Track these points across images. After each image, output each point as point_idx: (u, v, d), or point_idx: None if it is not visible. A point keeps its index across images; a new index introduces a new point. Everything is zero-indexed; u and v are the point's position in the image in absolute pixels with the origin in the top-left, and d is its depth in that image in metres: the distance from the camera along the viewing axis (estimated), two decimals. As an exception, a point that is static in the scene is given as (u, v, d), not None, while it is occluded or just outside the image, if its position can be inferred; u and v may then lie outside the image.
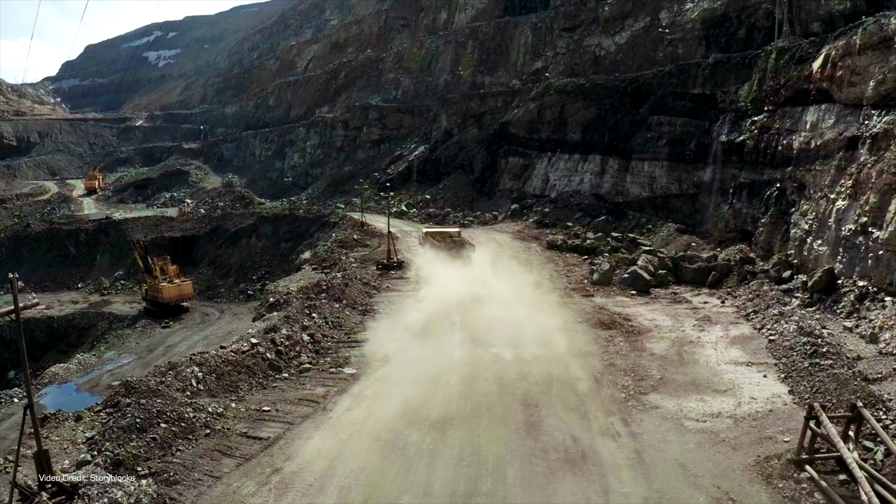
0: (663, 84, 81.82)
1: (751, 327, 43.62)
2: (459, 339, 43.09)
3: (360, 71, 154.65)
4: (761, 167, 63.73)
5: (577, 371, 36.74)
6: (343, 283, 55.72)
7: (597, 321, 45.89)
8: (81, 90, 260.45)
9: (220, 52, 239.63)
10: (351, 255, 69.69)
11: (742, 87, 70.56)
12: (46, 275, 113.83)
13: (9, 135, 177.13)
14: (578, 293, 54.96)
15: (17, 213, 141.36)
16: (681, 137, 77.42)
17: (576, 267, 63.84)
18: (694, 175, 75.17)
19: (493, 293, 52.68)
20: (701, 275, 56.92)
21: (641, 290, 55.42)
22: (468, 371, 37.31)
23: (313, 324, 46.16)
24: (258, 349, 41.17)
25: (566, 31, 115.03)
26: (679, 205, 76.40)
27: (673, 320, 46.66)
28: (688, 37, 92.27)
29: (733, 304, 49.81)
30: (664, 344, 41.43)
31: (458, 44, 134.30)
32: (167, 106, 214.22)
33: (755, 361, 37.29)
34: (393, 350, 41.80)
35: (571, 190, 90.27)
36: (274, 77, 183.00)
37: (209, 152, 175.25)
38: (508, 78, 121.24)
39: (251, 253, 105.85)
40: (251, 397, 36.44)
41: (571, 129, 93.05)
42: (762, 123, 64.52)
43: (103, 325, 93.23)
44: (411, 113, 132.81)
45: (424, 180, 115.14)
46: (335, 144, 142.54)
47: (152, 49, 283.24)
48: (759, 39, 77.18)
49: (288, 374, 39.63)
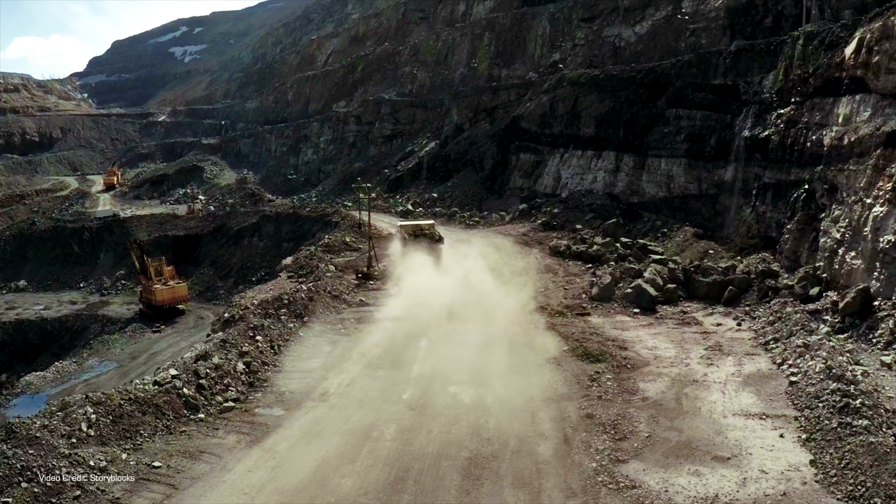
0: (682, 74, 73.23)
1: (769, 361, 34.96)
2: (417, 372, 35.29)
3: (377, 65, 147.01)
4: (788, 166, 55.10)
5: (545, 424, 28.70)
6: (308, 296, 48.05)
7: (584, 351, 37.56)
8: (108, 86, 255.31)
9: (245, 48, 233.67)
10: (334, 262, 61.91)
11: (767, 77, 62.06)
12: (49, 273, 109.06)
13: (31, 130, 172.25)
14: (573, 311, 46.68)
15: (35, 209, 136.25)
16: (700, 132, 68.90)
17: (577, 277, 55.49)
18: (714, 174, 66.62)
19: (475, 311, 44.93)
20: (716, 290, 48.15)
21: (646, 307, 46.85)
22: (411, 420, 29.55)
23: (255, 349, 38.57)
24: (175, 383, 33.67)
25: (585, 22, 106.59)
26: (698, 206, 67.86)
27: (677, 349, 38.19)
28: (711, 26, 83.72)
29: (751, 327, 41.11)
30: (661, 384, 33.07)
31: (474, 36, 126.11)
32: (191, 101, 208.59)
33: (771, 413, 28.76)
34: (336, 385, 34.27)
35: (584, 189, 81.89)
36: (294, 71, 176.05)
37: (227, 148, 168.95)
38: (525, 71, 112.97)
39: (252, 253, 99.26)
40: (150, 446, 29.38)
41: (585, 123, 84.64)
42: (789, 116, 55.91)
43: (96, 327, 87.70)
44: (424, 107, 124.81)
45: (434, 178, 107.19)
46: (347, 140, 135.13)
47: (178, 45, 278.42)
48: (787, 28, 68.29)
49: (205, 415, 32.27)
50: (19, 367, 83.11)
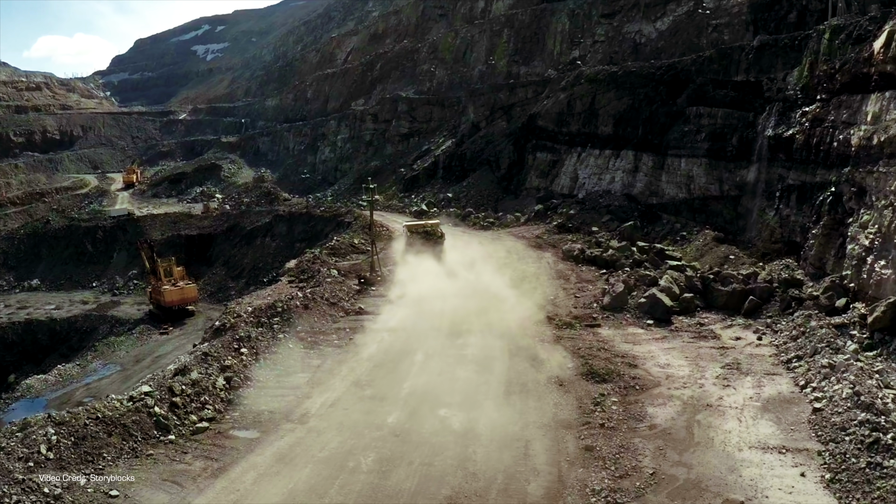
0: (703, 71, 69.69)
1: (791, 382, 31.51)
2: (408, 391, 32.28)
3: (396, 62, 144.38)
4: (813, 167, 51.51)
5: (539, 458, 25.60)
6: (303, 304, 45.31)
7: (590, 369, 34.24)
8: (131, 84, 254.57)
9: (267, 46, 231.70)
10: (338, 266, 59.12)
11: (791, 73, 58.32)
12: (63, 273, 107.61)
13: (52, 128, 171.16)
14: (583, 321, 43.44)
15: (54, 207, 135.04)
16: (722, 131, 65.34)
17: (589, 284, 52.21)
18: (736, 174, 63.07)
19: (478, 321, 42.03)
20: (735, 300, 44.60)
21: (660, 318, 43.46)
22: (393, 449, 26.66)
23: (238, 363, 35.89)
24: (146, 401, 31.04)
25: (605, 18, 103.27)
26: (719, 208, 64.35)
27: (692, 366, 34.84)
28: (734, 21, 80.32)
29: (773, 342, 37.59)
30: (672, 408, 29.76)
31: (493, 33, 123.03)
32: (213, 99, 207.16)
33: (792, 446, 25.44)
34: (318, 405, 31.42)
35: (601, 189, 78.53)
36: (314, 69, 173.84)
37: (246, 146, 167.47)
38: (544, 68, 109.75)
39: (264, 253, 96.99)
40: (112, 471, 26.81)
41: (603, 121, 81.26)
42: (814, 115, 52.26)
43: (104, 328, 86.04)
44: (441, 105, 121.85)
45: (450, 177, 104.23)
46: (364, 139, 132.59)
47: (200, 43, 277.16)
48: (812, 24, 64.74)
49: (175, 436, 29.57)
50: (28, 367, 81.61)
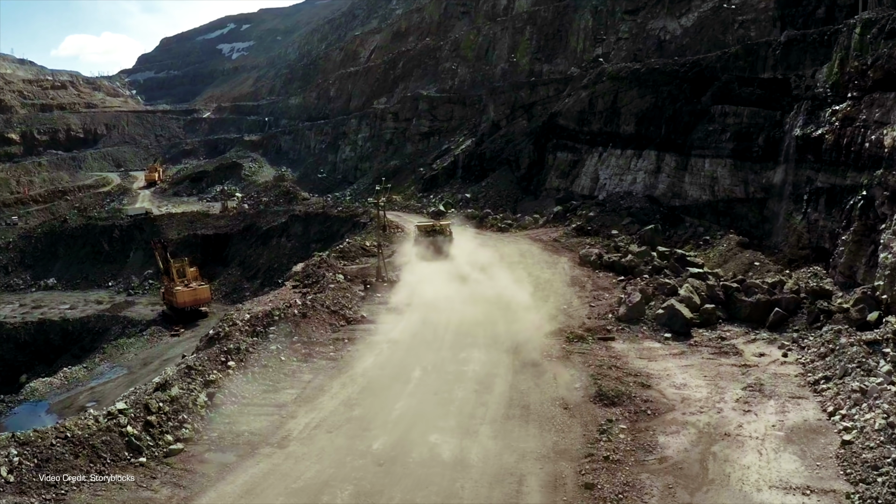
0: (728, 68, 66.45)
1: (818, 408, 28.38)
2: (399, 412, 29.64)
3: (418, 60, 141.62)
4: (843, 169, 48.28)
5: (532, 496, 22.77)
6: (301, 312, 42.88)
7: (599, 390, 31.11)
8: (156, 83, 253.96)
9: (292, 44, 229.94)
10: (345, 270, 56.75)
11: (820, 70, 55.01)
12: (79, 272, 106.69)
13: (76, 127, 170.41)
14: (596, 334, 40.46)
15: (76, 205, 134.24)
16: (747, 130, 62.09)
17: (605, 292, 49.18)
18: (762, 176, 59.84)
19: (484, 333, 39.44)
20: (760, 311, 41.32)
21: (679, 331, 40.31)
22: (374, 480, 24.10)
23: (224, 377, 33.47)
24: (119, 420, 28.78)
25: (629, 14, 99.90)
26: (744, 211, 61.11)
27: (711, 387, 31.71)
28: (761, 17, 76.77)
29: (799, 359, 34.38)
30: (686, 438, 26.73)
31: (515, 30, 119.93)
32: (237, 98, 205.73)
33: (817, 486, 22.37)
34: (302, 426, 28.99)
35: (622, 191, 75.49)
36: (337, 68, 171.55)
37: (268, 144, 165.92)
38: (567, 65, 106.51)
39: (280, 254, 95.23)
40: (74, 498, 24.52)
41: (625, 120, 78.19)
42: (845, 114, 49.02)
43: (117, 329, 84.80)
44: (462, 103, 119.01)
45: (469, 177, 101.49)
46: (384, 137, 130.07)
47: (226, 41, 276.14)
48: (842, 18, 61.24)
49: (147, 458, 27.32)
50: (40, 367, 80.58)
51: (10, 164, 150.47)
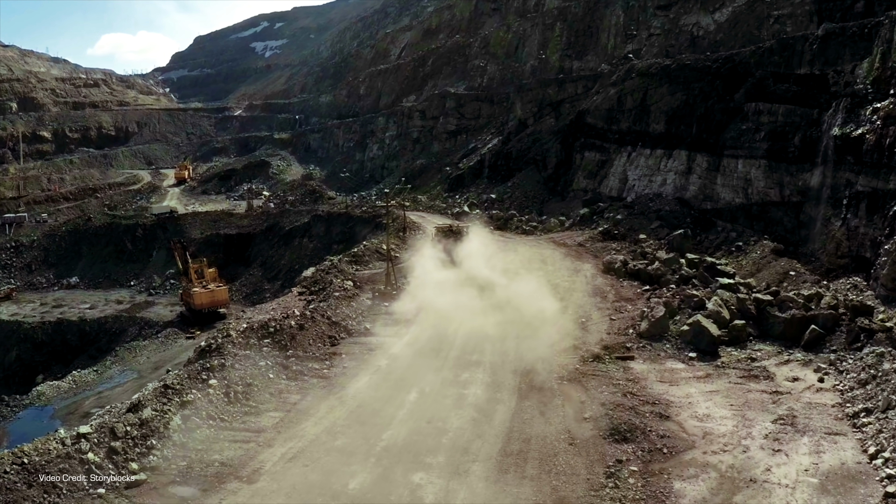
0: (763, 63, 62.67)
1: (858, 447, 24.73)
2: (386, 443, 26.54)
3: (448, 58, 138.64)
4: (885, 172, 44.54)
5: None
6: (298, 324, 39.95)
7: (611, 423, 27.70)
8: (189, 81, 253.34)
9: (324, 42, 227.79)
10: (357, 275, 53.75)
11: (860, 65, 51.45)
12: (101, 271, 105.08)
13: (107, 125, 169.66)
14: (614, 352, 36.98)
15: (106, 203, 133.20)
16: (783, 129, 58.51)
17: (628, 304, 45.64)
18: (798, 178, 56.18)
19: (492, 350, 36.39)
20: (794, 329, 37.61)
21: (705, 350, 36.75)
22: (341, 530, 21.05)
23: (202, 397, 30.58)
24: (81, 446, 26.11)
25: (661, 10, 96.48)
26: (779, 216, 57.51)
27: (737, 419, 28.13)
28: (797, 12, 73.50)
29: (837, 385, 30.80)
30: (706, 484, 23.19)
31: (545, 26, 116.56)
32: (270, 96, 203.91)
33: (854, 552, 19.15)
34: (278, 457, 26.09)
35: (652, 192, 71.89)
36: (368, 65, 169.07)
37: (298, 142, 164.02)
38: (598, 62, 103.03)
39: (301, 255, 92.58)
40: (16, 536, 21.84)
41: (655, 118, 74.56)
42: (887, 112, 45.31)
43: (133, 330, 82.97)
44: (490, 101, 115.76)
45: (495, 176, 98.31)
46: (411, 136, 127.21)
47: (259, 40, 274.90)
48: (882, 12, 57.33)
49: (106, 491, 24.68)
50: (57, 368, 79.18)
51: (42, 162, 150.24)
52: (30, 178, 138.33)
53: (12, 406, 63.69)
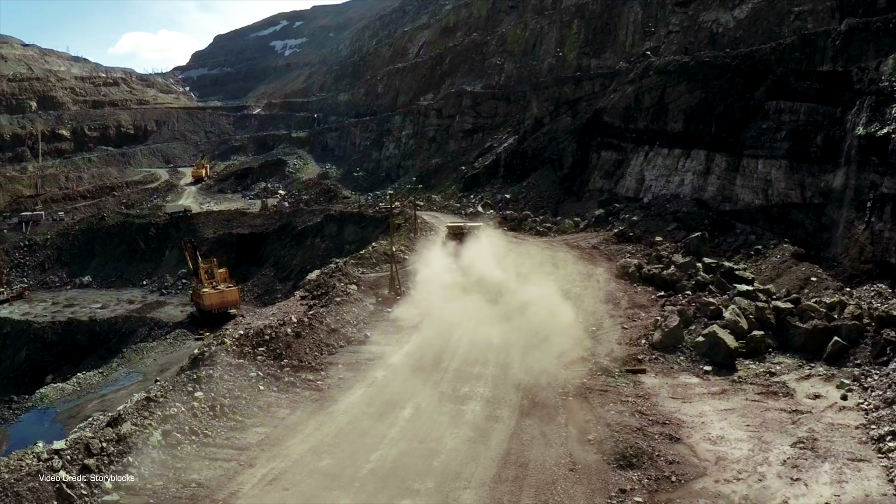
0: (784, 60, 60.18)
1: (883, 475, 22.49)
2: (373, 465, 24.53)
3: (465, 56, 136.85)
4: (913, 174, 42.18)
5: None
6: (295, 332, 38.16)
7: (615, 446, 25.48)
8: (209, 79, 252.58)
9: (344, 41, 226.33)
10: (362, 279, 51.94)
11: (885, 62, 49.13)
12: (114, 270, 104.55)
13: (126, 123, 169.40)
14: (624, 365, 34.81)
15: (123, 201, 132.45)
16: (805, 128, 55.96)
17: (642, 311, 43.50)
18: (820, 179, 53.64)
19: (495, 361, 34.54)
20: (816, 340, 35.36)
21: (721, 362, 34.48)
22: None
23: (186, 411, 28.80)
24: (53, 463, 24.43)
25: (679, 7, 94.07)
26: (800, 218, 54.97)
27: (753, 442, 25.93)
28: (818, 8, 71.24)
29: (861, 403, 28.55)
30: (717, 518, 21.19)
31: (562, 24, 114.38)
32: (289, 95, 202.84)
33: None
34: (257, 479, 24.26)
35: (669, 193, 69.50)
36: (386, 64, 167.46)
37: (315, 141, 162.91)
38: (616, 60, 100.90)
39: (313, 255, 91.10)
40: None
41: (672, 117, 72.18)
42: (916, 110, 42.90)
43: (143, 331, 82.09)
44: (507, 100, 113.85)
45: (511, 176, 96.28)
46: (427, 134, 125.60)
47: (278, 38, 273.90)
48: (904, 8, 55.18)
49: (75, 511, 22.83)
50: (66, 368, 78.16)
51: (61, 161, 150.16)
52: (48, 177, 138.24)
53: (14, 409, 62.61)
